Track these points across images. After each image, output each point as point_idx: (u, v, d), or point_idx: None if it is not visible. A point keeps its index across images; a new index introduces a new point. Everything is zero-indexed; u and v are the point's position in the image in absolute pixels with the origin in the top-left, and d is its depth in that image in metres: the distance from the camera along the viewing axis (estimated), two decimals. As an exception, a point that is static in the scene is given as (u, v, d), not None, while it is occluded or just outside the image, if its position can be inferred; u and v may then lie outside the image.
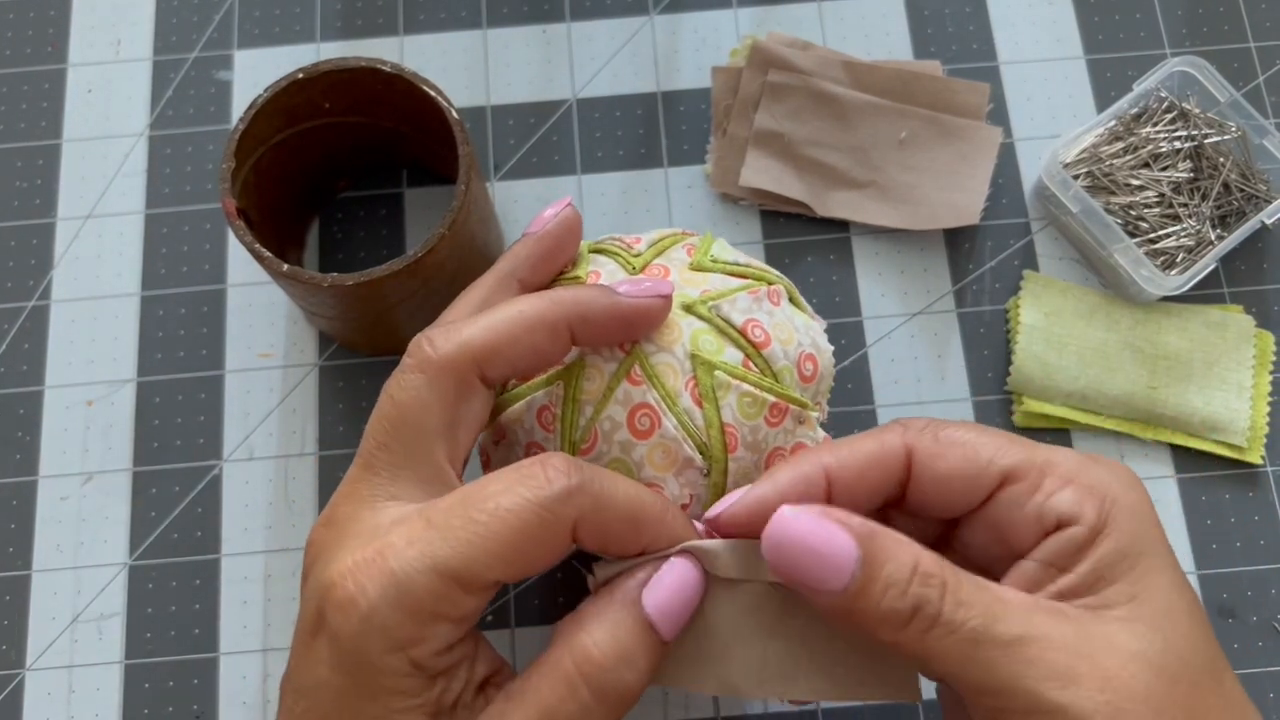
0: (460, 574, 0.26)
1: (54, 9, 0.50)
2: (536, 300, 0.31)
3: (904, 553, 0.27)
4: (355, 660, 0.27)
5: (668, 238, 0.36)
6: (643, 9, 0.50)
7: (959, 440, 0.29)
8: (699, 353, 0.32)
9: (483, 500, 0.27)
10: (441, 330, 0.30)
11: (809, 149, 0.46)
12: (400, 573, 0.26)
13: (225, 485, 0.44)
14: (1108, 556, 0.27)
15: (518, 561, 0.27)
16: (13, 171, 0.48)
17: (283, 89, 0.39)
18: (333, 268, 0.46)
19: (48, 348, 0.45)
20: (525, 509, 0.27)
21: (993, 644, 0.26)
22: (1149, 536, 0.28)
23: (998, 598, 0.27)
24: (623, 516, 0.28)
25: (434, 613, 0.27)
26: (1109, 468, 0.29)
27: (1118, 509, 0.28)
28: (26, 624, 0.42)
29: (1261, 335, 0.44)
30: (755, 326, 0.33)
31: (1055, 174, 0.43)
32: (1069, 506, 0.28)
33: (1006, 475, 0.29)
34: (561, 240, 0.34)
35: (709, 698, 0.40)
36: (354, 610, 0.27)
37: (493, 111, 0.48)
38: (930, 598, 0.26)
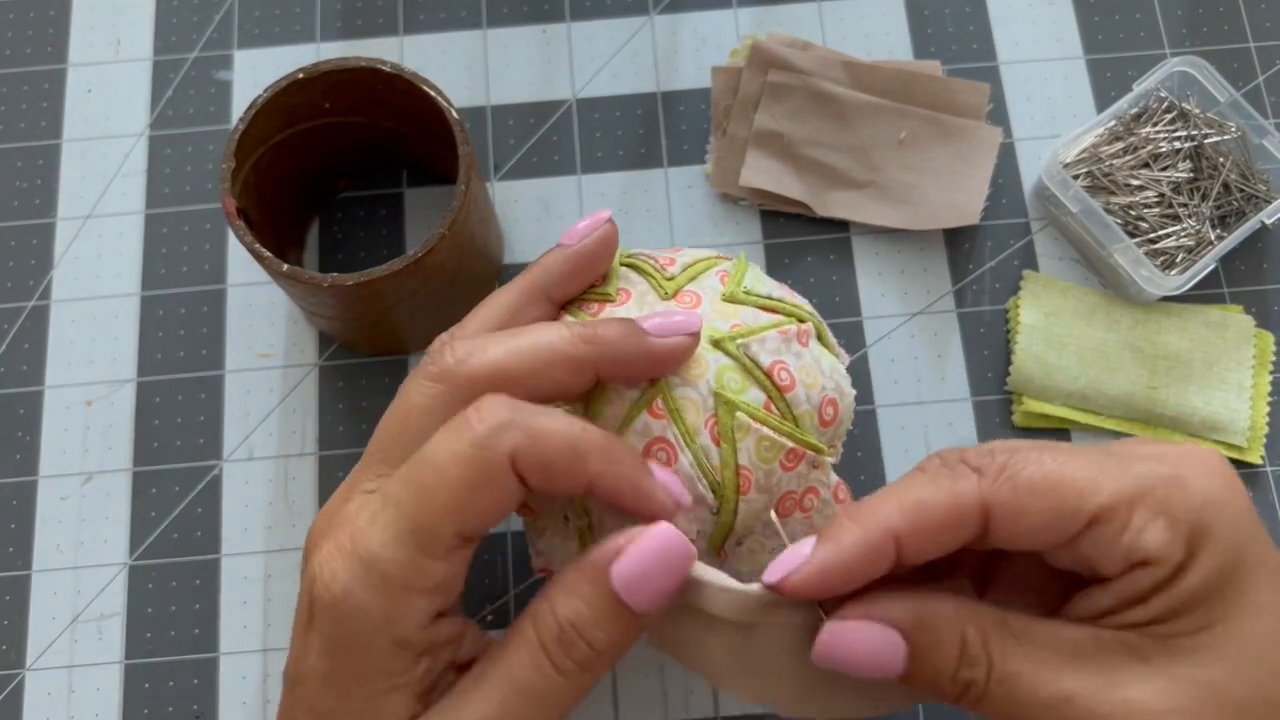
0: (418, 537, 0.27)
1: (54, 9, 0.50)
2: (567, 337, 0.30)
3: (949, 639, 0.27)
4: (340, 644, 0.27)
5: (702, 261, 0.35)
6: (643, 9, 0.50)
7: (1040, 487, 0.27)
8: (722, 391, 0.31)
9: (424, 461, 0.27)
10: (467, 344, 0.30)
11: (809, 149, 0.46)
12: (366, 553, 0.27)
13: (225, 485, 0.44)
14: (1186, 591, 0.26)
15: (466, 510, 0.27)
16: (13, 171, 0.48)
17: (283, 89, 0.39)
18: (333, 268, 0.46)
19: (48, 348, 0.45)
20: (460, 454, 0.27)
21: (1039, 707, 0.26)
22: (1239, 564, 0.26)
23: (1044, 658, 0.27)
24: (560, 446, 0.27)
25: (405, 585, 0.27)
26: (1207, 482, 0.27)
27: (1209, 541, 0.26)
28: (26, 624, 0.42)
29: (1261, 335, 0.44)
30: (782, 369, 0.32)
31: (1055, 174, 0.43)
32: (1158, 548, 0.26)
33: (1095, 518, 0.27)
34: (597, 257, 0.33)
35: (709, 698, 0.40)
36: (330, 597, 0.27)
37: (493, 111, 0.48)
38: (976, 679, 0.27)
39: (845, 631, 0.27)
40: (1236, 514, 0.27)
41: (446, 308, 0.42)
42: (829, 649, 0.27)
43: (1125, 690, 0.26)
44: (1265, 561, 0.27)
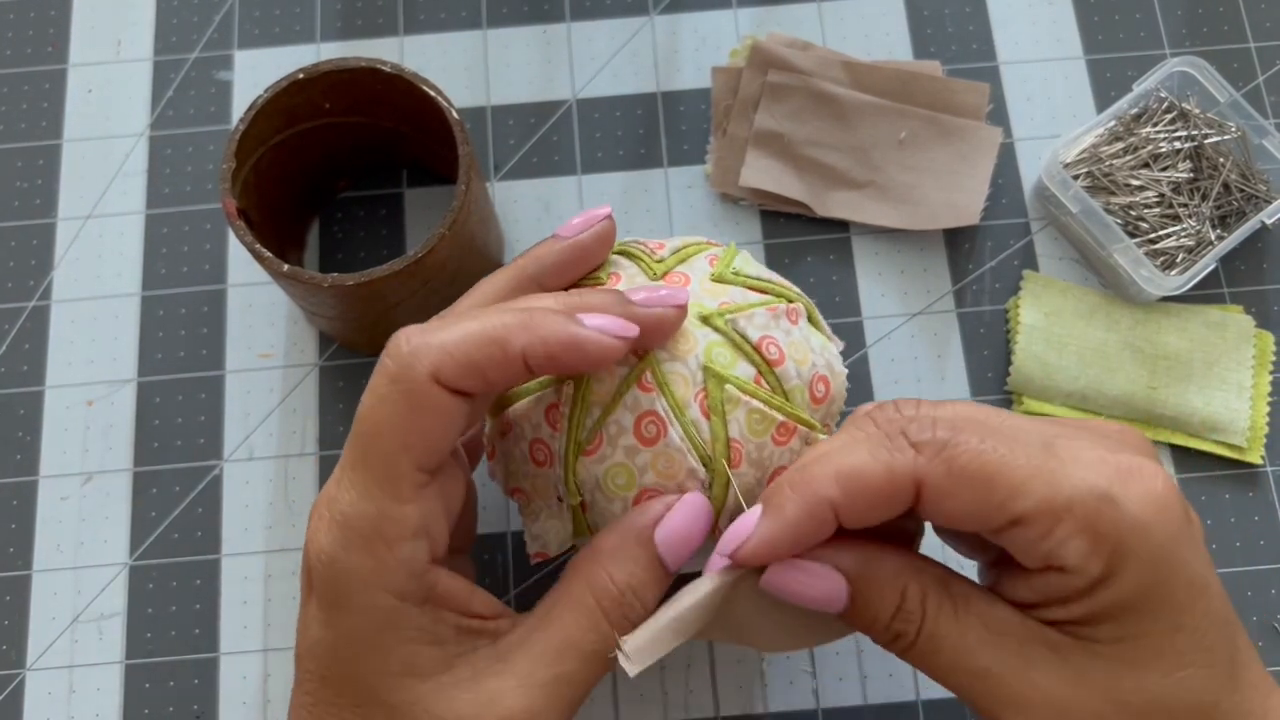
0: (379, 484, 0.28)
1: (54, 9, 0.50)
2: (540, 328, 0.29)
3: (890, 591, 0.29)
4: (338, 607, 0.28)
5: (691, 246, 0.35)
6: (643, 9, 0.50)
7: (973, 477, 0.27)
8: (711, 365, 0.32)
9: (360, 417, 0.29)
10: (420, 333, 0.29)
11: (809, 149, 0.46)
12: (338, 514, 0.28)
13: (225, 485, 0.44)
14: (1103, 604, 0.27)
15: (411, 441, 0.28)
16: (13, 171, 0.48)
17: (283, 89, 0.39)
18: (333, 268, 0.46)
19: (48, 348, 0.45)
20: (382, 395, 0.28)
21: (961, 672, 0.28)
22: (1158, 586, 0.27)
23: (973, 627, 0.28)
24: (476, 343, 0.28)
25: (383, 536, 0.28)
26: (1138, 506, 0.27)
27: (1128, 564, 0.27)
28: (27, 624, 0.42)
29: (1261, 335, 0.44)
30: (770, 344, 0.33)
31: (1055, 174, 0.43)
32: (1075, 560, 0.27)
33: (1017, 519, 0.27)
34: (591, 251, 0.33)
35: (709, 698, 0.41)
36: (319, 566, 0.28)
37: (493, 111, 0.48)
38: (907, 632, 0.29)
39: (793, 570, 0.29)
40: (1164, 538, 0.27)
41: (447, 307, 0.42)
42: (778, 585, 0.29)
43: (1037, 677, 0.27)
44: (1190, 584, 0.27)
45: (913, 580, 0.29)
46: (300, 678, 0.29)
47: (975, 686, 0.28)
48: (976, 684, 0.28)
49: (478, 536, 0.42)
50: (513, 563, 0.42)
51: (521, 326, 0.28)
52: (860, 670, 0.41)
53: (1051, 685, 0.27)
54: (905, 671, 0.41)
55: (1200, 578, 0.27)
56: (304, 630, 0.29)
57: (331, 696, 0.28)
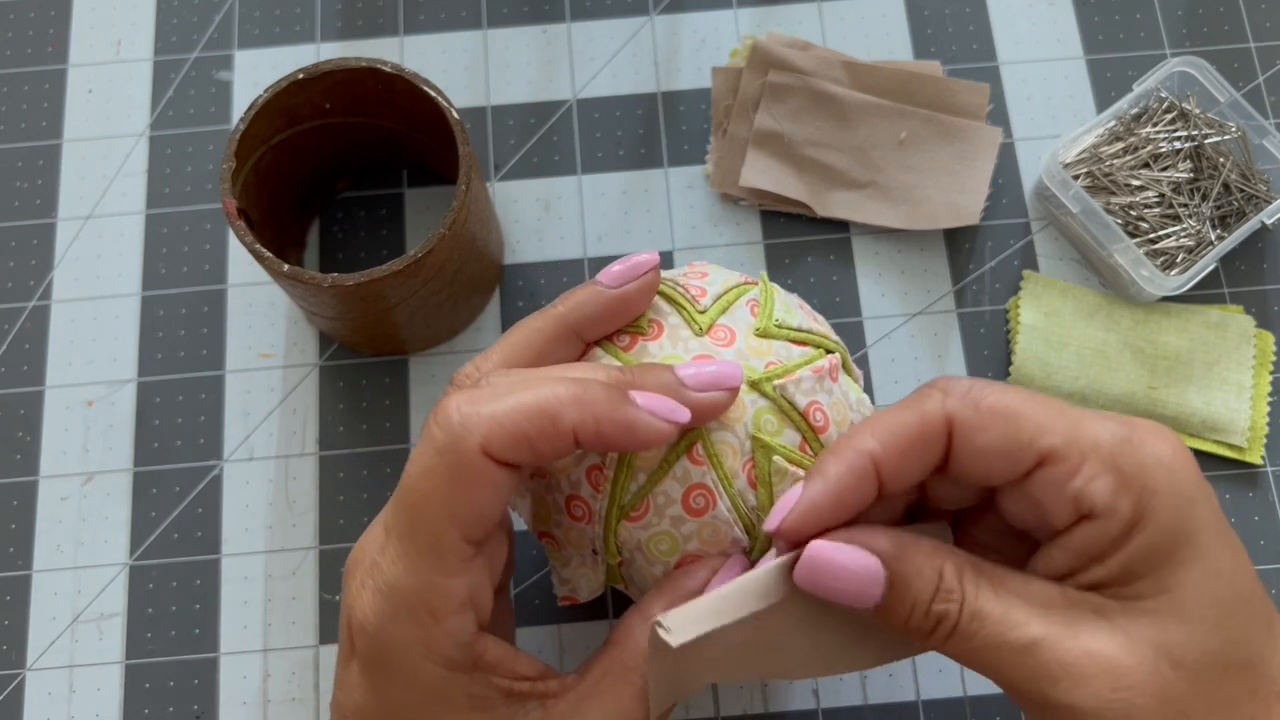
0: (425, 557, 0.27)
1: (54, 9, 0.50)
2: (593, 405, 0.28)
3: (928, 570, 0.28)
4: (386, 678, 0.28)
5: (732, 290, 0.35)
6: (643, 9, 0.50)
7: (1001, 411, 0.28)
8: (760, 435, 0.32)
9: (407, 485, 0.28)
10: (470, 402, 0.28)
11: (809, 149, 0.46)
12: (384, 585, 0.28)
13: (225, 485, 0.44)
14: (1140, 551, 0.27)
15: (459, 514, 0.27)
16: (13, 171, 0.48)
17: (283, 89, 0.39)
18: (333, 268, 0.46)
19: (48, 348, 0.45)
20: (431, 467, 0.27)
21: (1007, 650, 0.27)
22: (1189, 526, 0.27)
23: (1014, 602, 0.27)
24: (527, 416, 0.28)
25: (431, 610, 0.27)
26: (1155, 445, 0.28)
27: (1156, 501, 0.27)
28: (27, 624, 0.42)
29: (1261, 335, 0.44)
30: (817, 410, 0.32)
31: (1055, 174, 0.43)
32: (1104, 499, 0.27)
33: (1045, 456, 0.28)
34: (635, 303, 0.33)
35: (709, 698, 0.40)
36: (366, 634, 0.28)
37: (493, 111, 0.48)
38: (950, 613, 0.28)
39: (828, 551, 0.28)
40: (1185, 477, 0.27)
41: (447, 308, 0.42)
42: (812, 566, 0.28)
43: (1088, 642, 0.27)
44: (1213, 526, 0.27)
45: (949, 559, 0.28)
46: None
47: (1025, 663, 0.27)
48: (1026, 660, 0.27)
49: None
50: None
51: (574, 401, 0.28)
52: (860, 670, 0.41)
53: (1103, 649, 0.26)
54: (905, 671, 0.41)
55: (1226, 529, 0.28)
56: (347, 691, 0.29)
57: None
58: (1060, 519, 0.28)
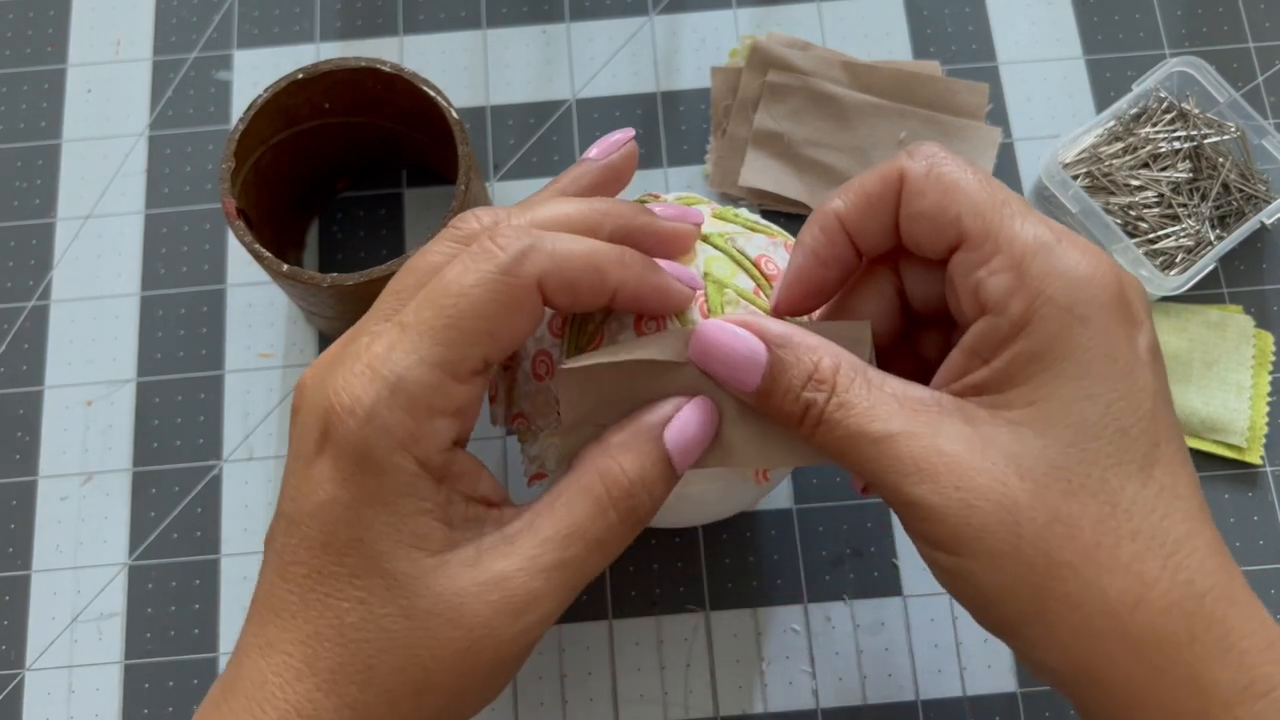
0: (445, 360, 0.27)
1: (54, 9, 0.50)
2: (581, 206, 0.31)
3: (805, 360, 0.29)
4: (362, 466, 0.27)
5: (693, 198, 0.36)
6: (643, 9, 0.50)
7: (945, 182, 0.29)
8: (711, 273, 0.33)
9: (445, 288, 0.28)
10: (490, 212, 0.30)
11: (808, 149, 0.46)
12: (391, 375, 0.27)
13: (225, 485, 0.44)
14: (1019, 356, 0.27)
15: (498, 333, 0.28)
16: (13, 171, 0.48)
17: (283, 89, 0.39)
18: (333, 268, 0.46)
19: (48, 348, 0.45)
20: (488, 281, 0.27)
21: (865, 440, 0.28)
22: (1073, 342, 0.27)
23: (883, 399, 0.28)
24: (583, 265, 0.29)
25: (430, 406, 0.27)
26: (1073, 258, 0.28)
27: (1048, 308, 0.27)
28: (26, 624, 0.42)
29: (1261, 335, 0.44)
30: (768, 261, 0.34)
31: (1055, 174, 0.44)
32: (998, 294, 0.28)
33: (964, 237, 0.28)
34: (622, 171, 0.34)
35: (709, 698, 0.41)
36: (354, 417, 0.27)
37: (493, 111, 0.48)
38: (817, 400, 0.29)
39: (715, 330, 0.29)
40: (1090, 302, 0.27)
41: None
42: (700, 343, 0.30)
43: (943, 443, 0.27)
44: (1113, 359, 0.27)
45: (828, 354, 0.29)
46: (286, 549, 0.29)
47: (881, 454, 0.28)
48: (882, 451, 0.28)
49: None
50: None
51: (619, 264, 0.29)
52: (860, 670, 0.41)
53: (955, 450, 0.27)
54: (905, 671, 0.41)
55: (1127, 365, 0.27)
56: (308, 492, 0.28)
57: (328, 565, 0.28)
58: (966, 310, 0.29)
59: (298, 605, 0.28)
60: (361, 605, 0.27)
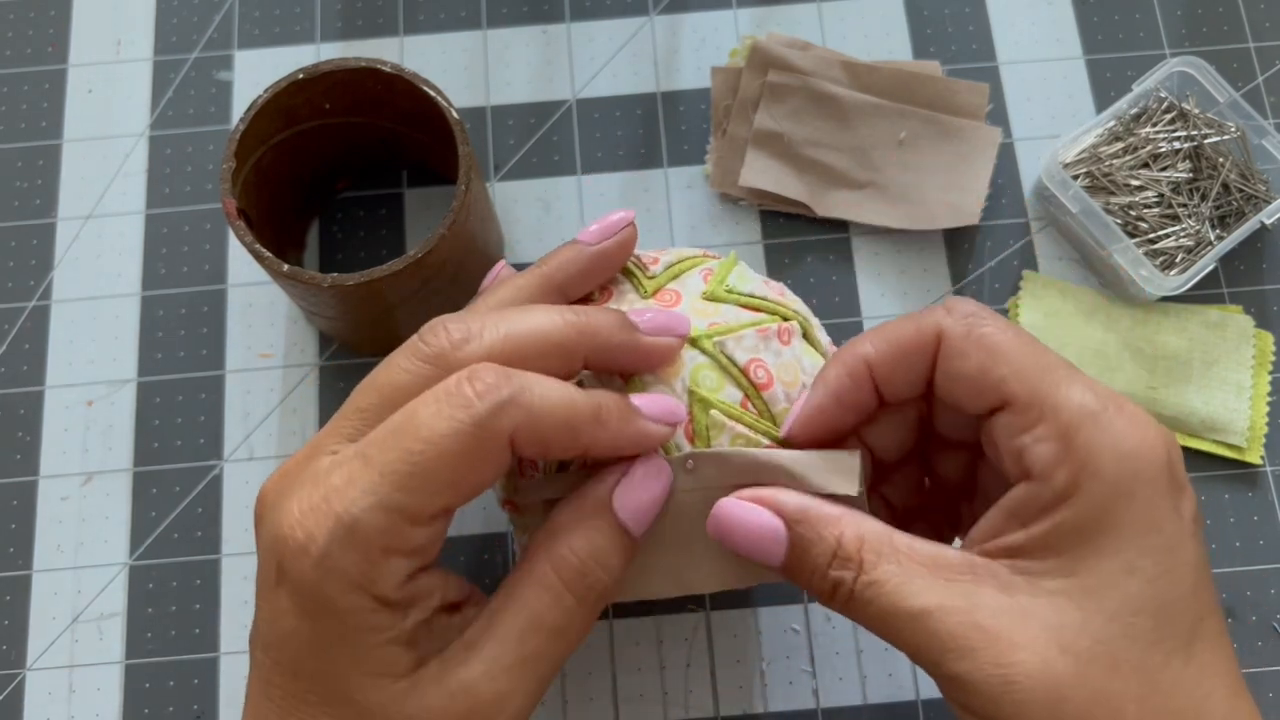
0: (405, 508, 0.27)
1: (54, 9, 0.50)
2: (559, 323, 0.30)
3: (827, 536, 0.29)
4: (318, 606, 0.27)
5: (687, 260, 0.35)
6: (643, 9, 0.50)
7: (986, 344, 0.28)
8: (697, 390, 0.31)
9: (415, 430, 0.27)
10: (460, 326, 0.29)
11: (809, 149, 0.46)
12: (346, 515, 0.27)
13: (225, 485, 0.44)
14: (1062, 526, 0.27)
15: (460, 484, 0.27)
16: (13, 171, 0.48)
17: (283, 89, 0.39)
18: (333, 268, 0.46)
19: (48, 348, 0.45)
20: (459, 432, 0.27)
21: (901, 617, 0.28)
22: (1118, 518, 0.27)
23: (915, 571, 0.28)
24: (558, 423, 0.28)
25: (385, 548, 0.27)
26: (1121, 429, 0.27)
27: (1094, 481, 0.27)
28: (26, 624, 0.42)
29: (1261, 335, 0.44)
30: (759, 366, 0.32)
31: (1055, 174, 0.44)
32: (1043, 463, 0.27)
33: (1007, 400, 0.28)
34: (615, 258, 0.33)
35: (709, 698, 0.41)
36: (307, 558, 0.27)
37: (493, 111, 0.48)
38: (845, 579, 0.28)
39: (734, 508, 0.29)
40: (1137, 476, 0.27)
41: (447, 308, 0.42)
42: (719, 521, 0.29)
43: (982, 616, 0.27)
44: (1159, 532, 0.27)
45: (850, 526, 0.29)
46: (265, 665, 0.29)
47: (918, 630, 0.27)
48: (919, 627, 0.27)
49: (479, 536, 0.42)
50: (511, 563, 0.42)
51: (593, 422, 0.28)
52: (860, 670, 0.41)
53: (994, 624, 0.26)
54: (905, 671, 0.41)
55: (1172, 539, 0.27)
56: (271, 620, 0.28)
57: (302, 692, 0.28)
58: (1007, 469, 0.29)
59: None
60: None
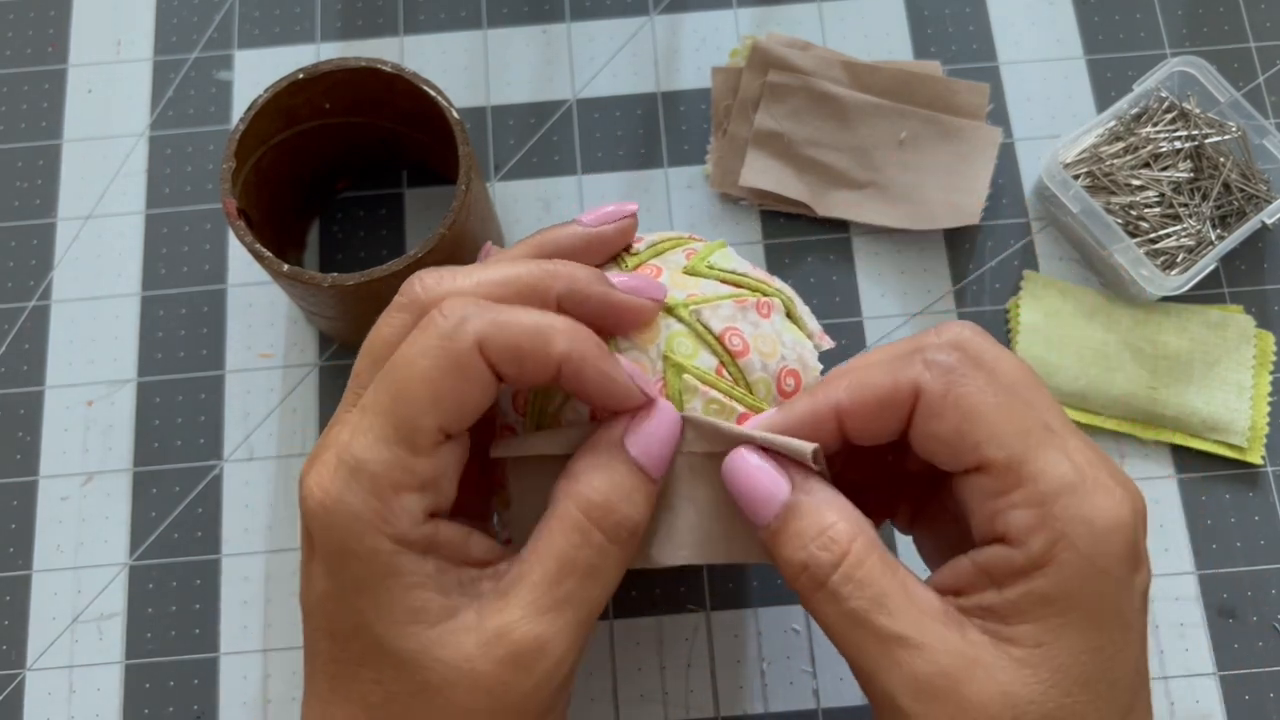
0: (400, 434, 0.27)
1: (54, 9, 0.50)
2: (533, 267, 0.30)
3: (825, 515, 0.28)
4: (342, 556, 0.27)
5: (670, 240, 0.35)
6: (643, 9, 0.50)
7: (964, 407, 0.28)
8: (672, 355, 0.32)
9: (394, 364, 0.28)
10: (435, 274, 0.30)
11: (809, 149, 0.46)
12: (350, 459, 0.27)
13: (225, 485, 0.44)
14: (1033, 595, 0.27)
15: (444, 401, 0.27)
16: (13, 171, 0.48)
17: (283, 89, 0.39)
18: (333, 268, 0.46)
19: (48, 348, 0.45)
20: (429, 348, 0.27)
21: (871, 630, 0.27)
22: (1090, 595, 0.27)
23: (894, 587, 0.27)
24: (526, 329, 0.28)
25: (393, 483, 0.27)
26: (1100, 504, 0.27)
27: (1069, 554, 0.27)
28: (27, 624, 0.42)
29: (1261, 335, 0.44)
30: (734, 334, 0.32)
31: (1055, 174, 0.43)
32: (1018, 530, 0.27)
33: (984, 465, 0.28)
34: (611, 243, 0.33)
35: (709, 698, 0.41)
36: (323, 511, 0.27)
37: (493, 111, 0.48)
38: (821, 561, 0.28)
39: (748, 459, 0.29)
40: (1111, 548, 0.27)
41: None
42: (732, 466, 0.29)
43: (947, 662, 0.27)
44: (1119, 615, 0.27)
45: (849, 520, 0.28)
46: (311, 638, 0.29)
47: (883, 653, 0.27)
48: (886, 650, 0.27)
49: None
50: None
51: (568, 336, 0.28)
52: (860, 670, 0.41)
53: (959, 680, 0.26)
54: (905, 671, 0.41)
55: (1129, 617, 0.27)
56: (309, 585, 0.29)
57: (339, 652, 0.28)
58: (979, 529, 0.28)
59: (328, 690, 0.29)
60: (379, 686, 0.28)
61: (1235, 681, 0.41)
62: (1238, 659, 0.41)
